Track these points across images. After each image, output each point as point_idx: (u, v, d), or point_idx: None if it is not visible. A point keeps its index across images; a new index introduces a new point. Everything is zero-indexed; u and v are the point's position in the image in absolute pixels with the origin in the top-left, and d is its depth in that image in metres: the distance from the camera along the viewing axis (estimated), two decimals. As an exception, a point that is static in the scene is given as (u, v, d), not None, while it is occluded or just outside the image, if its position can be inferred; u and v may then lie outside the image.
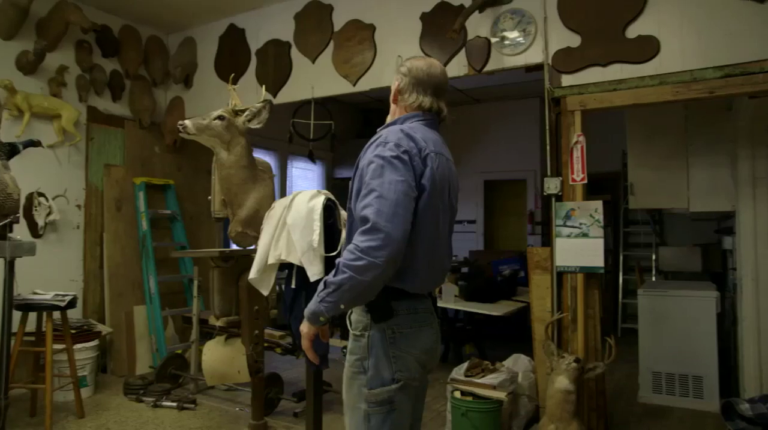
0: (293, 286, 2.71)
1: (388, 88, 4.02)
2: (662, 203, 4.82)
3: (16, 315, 3.32)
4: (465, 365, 3.36)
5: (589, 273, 3.24)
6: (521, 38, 3.53)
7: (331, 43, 4.30)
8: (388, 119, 1.85)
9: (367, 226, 1.47)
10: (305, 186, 7.24)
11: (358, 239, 1.47)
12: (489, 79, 5.58)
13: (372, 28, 4.13)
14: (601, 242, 3.19)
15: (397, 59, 3.97)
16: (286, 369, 4.53)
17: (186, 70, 5.12)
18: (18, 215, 3.12)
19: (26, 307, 3.44)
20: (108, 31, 4.86)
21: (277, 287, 3.47)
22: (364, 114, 7.97)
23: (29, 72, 4.33)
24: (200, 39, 5.16)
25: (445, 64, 3.79)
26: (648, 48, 3.16)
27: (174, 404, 3.84)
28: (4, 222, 3.06)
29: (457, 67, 3.79)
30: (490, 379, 3.15)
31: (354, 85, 4.19)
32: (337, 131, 4.75)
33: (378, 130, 1.71)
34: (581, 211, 3.23)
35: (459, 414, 3.12)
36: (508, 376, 3.21)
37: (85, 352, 3.98)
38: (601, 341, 3.21)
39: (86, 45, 4.70)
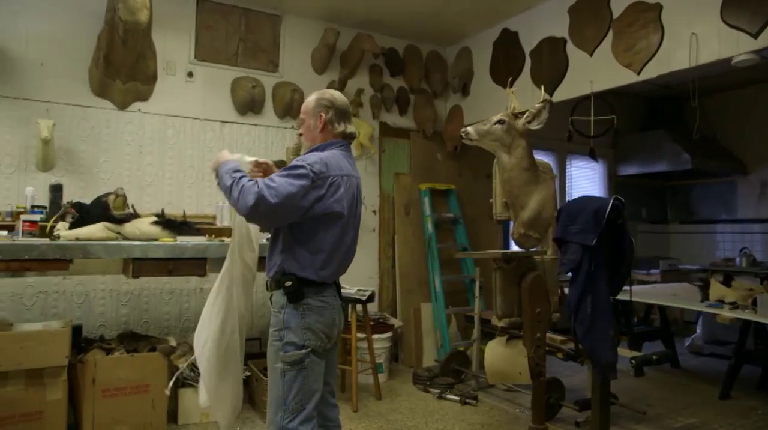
0: (580, 289, 2.60)
1: (678, 73, 3.65)
2: None
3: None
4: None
5: None
6: None
7: (610, 32, 4.02)
8: (308, 145, 2.27)
9: (259, 191, 1.95)
10: (586, 186, 6.91)
11: (252, 189, 1.96)
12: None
13: (658, 7, 3.72)
14: None
15: (693, 37, 3.51)
16: (568, 375, 4.38)
17: (463, 79, 5.37)
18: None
19: (337, 299, 4.02)
20: (394, 53, 5.40)
21: (559, 291, 3.38)
22: (649, 104, 7.25)
23: (335, 98, 5.09)
24: (475, 48, 5.36)
25: (758, 33, 3.21)
26: None
27: (457, 398, 4.04)
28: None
29: (778, 33, 3.16)
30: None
31: (638, 73, 3.84)
32: (620, 125, 4.42)
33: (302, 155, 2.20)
34: None
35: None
36: None
37: (381, 342, 4.46)
38: None
39: (377, 68, 5.31)
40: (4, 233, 3.05)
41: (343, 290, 3.99)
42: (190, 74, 4.48)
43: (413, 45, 5.51)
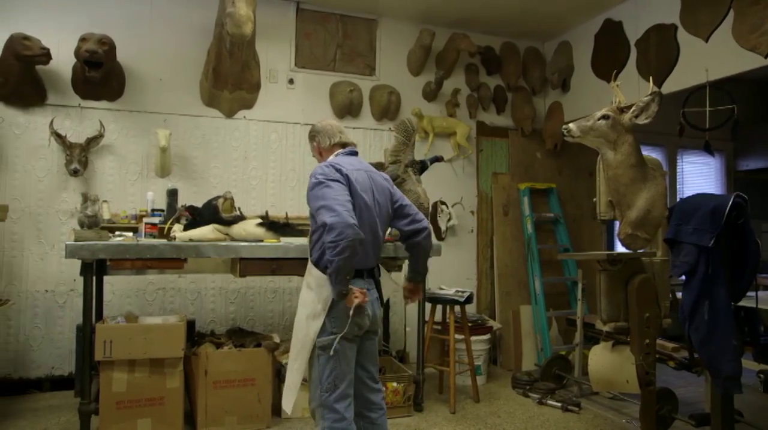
0: (695, 293, 2.42)
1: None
2: None
3: (428, 306, 3.95)
4: None
5: None
6: None
7: (730, 14, 3.70)
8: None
9: (327, 224, 2.15)
10: (700, 183, 6.42)
11: (330, 237, 2.14)
12: None
13: (791, -20, 3.38)
14: None
15: None
16: (681, 386, 4.09)
17: (563, 74, 5.18)
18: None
19: (434, 300, 4.02)
20: (491, 51, 5.31)
21: (670, 295, 3.17)
22: (776, 91, 6.59)
23: (431, 99, 5.10)
24: (575, 41, 5.14)
25: None
26: None
27: (558, 404, 3.90)
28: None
29: None
30: None
31: (766, 56, 3.51)
32: (740, 116, 4.05)
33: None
34: None
35: None
36: None
37: (479, 343, 4.40)
38: None
39: (473, 67, 5.25)
40: (130, 234, 3.34)
41: (441, 291, 4.05)
42: (291, 81, 4.67)
43: (510, 42, 5.39)
